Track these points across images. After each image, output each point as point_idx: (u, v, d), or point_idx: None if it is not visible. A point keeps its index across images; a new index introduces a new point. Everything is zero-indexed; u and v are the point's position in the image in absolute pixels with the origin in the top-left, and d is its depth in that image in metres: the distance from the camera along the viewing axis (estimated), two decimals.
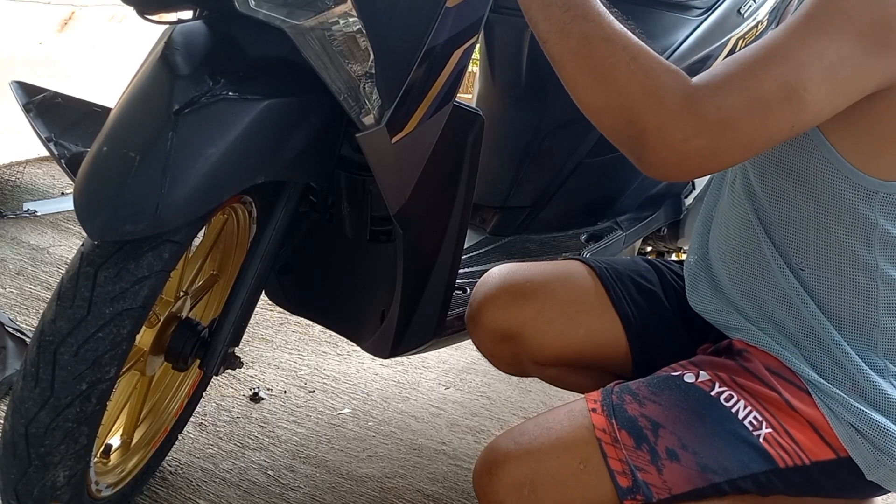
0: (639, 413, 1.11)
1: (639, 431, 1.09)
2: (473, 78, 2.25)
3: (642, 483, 1.06)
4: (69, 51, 2.68)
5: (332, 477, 1.64)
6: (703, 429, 1.09)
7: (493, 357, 1.43)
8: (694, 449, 1.08)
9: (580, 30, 0.99)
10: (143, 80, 1.05)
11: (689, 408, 1.11)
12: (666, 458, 1.07)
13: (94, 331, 1.00)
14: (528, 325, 1.34)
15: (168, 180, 0.96)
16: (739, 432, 1.09)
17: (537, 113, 1.95)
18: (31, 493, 1.06)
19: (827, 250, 1.10)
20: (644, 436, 1.09)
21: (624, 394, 1.14)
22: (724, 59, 2.02)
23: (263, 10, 1.01)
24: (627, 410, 1.11)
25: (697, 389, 1.13)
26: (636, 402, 1.12)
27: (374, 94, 1.07)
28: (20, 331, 1.80)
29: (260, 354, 2.11)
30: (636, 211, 2.05)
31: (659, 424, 1.09)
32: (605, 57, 0.98)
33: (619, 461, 1.07)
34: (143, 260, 1.02)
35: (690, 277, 1.30)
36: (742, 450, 1.08)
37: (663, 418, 1.10)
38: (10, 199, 2.91)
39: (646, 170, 1.01)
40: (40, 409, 1.01)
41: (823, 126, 1.04)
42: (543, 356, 1.36)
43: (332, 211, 1.36)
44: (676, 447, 1.08)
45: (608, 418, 1.11)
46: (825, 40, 0.94)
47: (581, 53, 0.99)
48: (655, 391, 1.14)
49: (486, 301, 1.38)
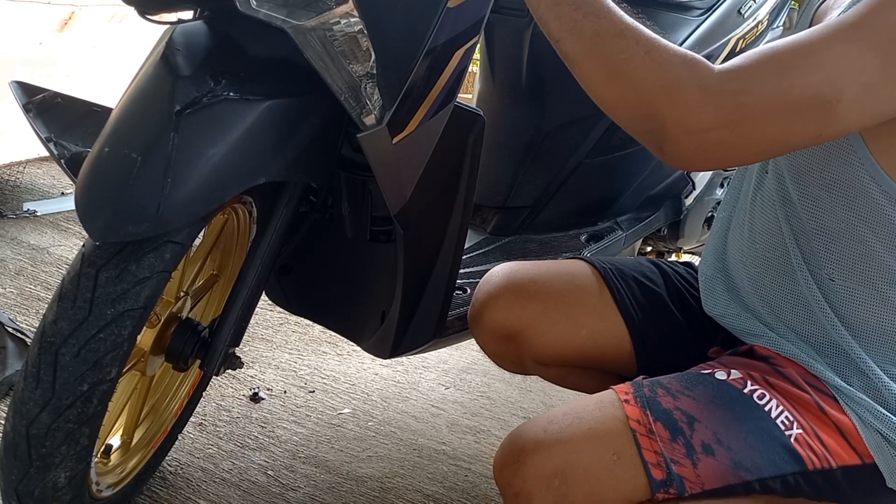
0: (673, 406, 1.07)
1: (674, 424, 1.06)
2: (474, 78, 2.25)
3: (676, 476, 1.03)
4: (69, 51, 2.68)
5: (332, 477, 1.64)
6: (737, 425, 1.06)
7: (496, 356, 1.43)
8: (729, 445, 1.05)
9: (592, 27, 0.98)
10: (144, 80, 1.05)
11: (722, 404, 1.08)
12: (701, 453, 1.04)
13: (96, 332, 1.00)
14: (531, 325, 1.33)
15: (170, 181, 0.96)
16: (772, 431, 1.06)
17: (537, 113, 1.95)
18: (32, 494, 1.06)
19: (860, 262, 1.08)
20: (680, 429, 1.05)
21: (656, 387, 1.11)
22: (727, 56, 2.03)
23: (264, 9, 1.01)
24: (662, 403, 1.08)
25: (731, 386, 1.11)
26: (670, 396, 1.09)
27: (375, 94, 1.07)
28: (20, 331, 1.80)
29: (260, 354, 2.11)
30: (636, 211, 2.05)
31: (694, 418, 1.06)
32: (619, 52, 0.97)
33: (653, 453, 1.04)
34: (145, 261, 1.02)
35: (706, 282, 1.28)
36: (774, 449, 1.05)
37: (698, 412, 1.07)
38: (10, 199, 2.91)
39: (668, 160, 1.00)
40: (41, 410, 1.01)
41: (868, 140, 1.02)
42: (546, 356, 1.35)
43: (333, 211, 1.36)
44: (712, 442, 1.05)
45: (643, 409, 1.07)
46: (869, 55, 0.91)
47: (595, 50, 0.99)
48: (688, 386, 1.11)
49: (488, 300, 1.37)
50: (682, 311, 1.34)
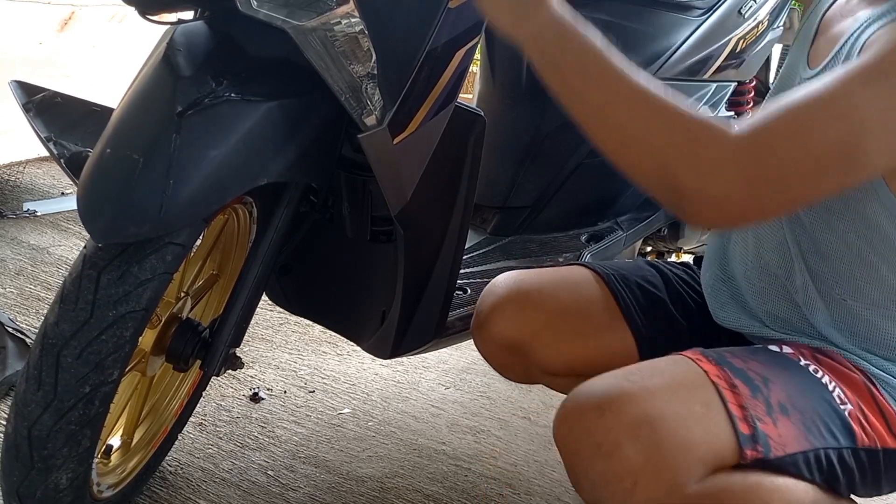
0: (745, 367, 1.03)
1: (752, 381, 1.01)
2: (474, 78, 2.25)
3: (762, 434, 0.98)
4: (69, 51, 2.68)
5: (332, 477, 1.64)
6: (802, 392, 1.03)
7: (501, 367, 1.40)
8: (800, 408, 1.01)
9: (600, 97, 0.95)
10: (145, 81, 1.05)
11: (785, 371, 1.06)
12: (779, 412, 1.00)
13: (98, 333, 1.00)
14: (537, 337, 1.32)
15: (172, 182, 0.96)
16: (831, 402, 1.04)
17: (538, 113, 1.95)
18: (33, 496, 1.06)
19: (869, 284, 1.08)
20: (757, 386, 1.01)
21: (721, 352, 1.07)
22: (727, 56, 2.02)
23: (265, 10, 1.01)
24: (734, 363, 1.03)
25: (788, 358, 1.09)
26: (738, 358, 1.05)
27: (375, 94, 1.07)
28: (20, 331, 1.80)
29: (260, 354, 2.11)
30: (636, 211, 2.05)
31: (768, 378, 1.02)
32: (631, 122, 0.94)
33: (738, 407, 0.99)
34: (146, 262, 1.02)
35: (713, 293, 1.27)
36: (834, 420, 1.03)
37: (769, 374, 1.03)
38: (10, 199, 2.90)
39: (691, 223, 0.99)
40: (43, 412, 1.01)
41: (889, 180, 1.00)
42: (554, 366, 1.34)
43: (333, 211, 1.36)
44: (786, 402, 1.01)
45: (719, 366, 1.02)
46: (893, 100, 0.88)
47: (604, 122, 0.96)
48: (750, 353, 1.08)
49: (492, 311, 1.35)
50: (684, 315, 1.33)
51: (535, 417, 2.06)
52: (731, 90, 2.15)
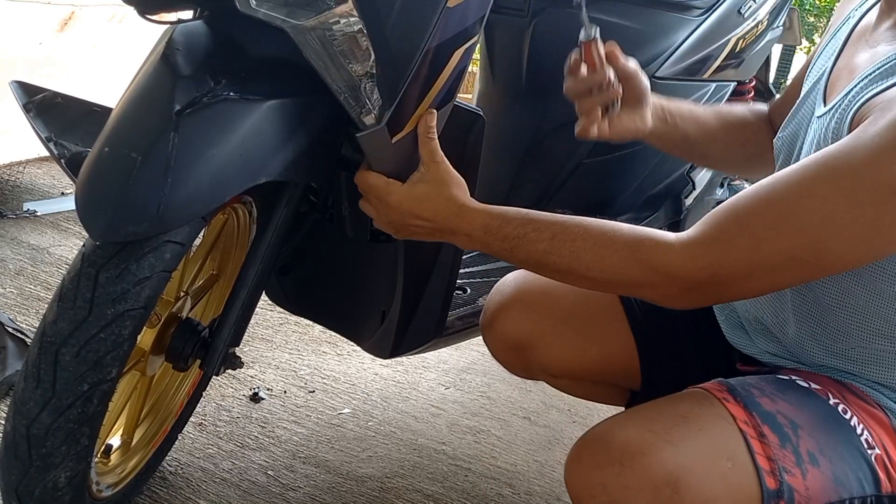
0: (774, 409, 0.97)
1: (781, 429, 0.95)
2: (474, 78, 2.25)
3: (788, 487, 0.92)
4: (69, 51, 2.68)
5: (332, 477, 1.64)
6: (832, 438, 0.97)
7: (506, 363, 1.42)
8: (829, 457, 0.95)
9: (526, 254, 1.05)
10: (144, 80, 1.05)
11: (815, 414, 0.99)
12: (808, 462, 0.94)
13: (96, 332, 1.00)
14: (542, 339, 1.32)
15: (170, 181, 0.96)
16: (860, 447, 0.98)
17: (537, 113, 1.95)
18: (32, 494, 1.06)
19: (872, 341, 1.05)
20: (787, 434, 0.95)
21: (748, 387, 1.01)
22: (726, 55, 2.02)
23: (264, 9, 1.00)
24: (762, 405, 0.97)
25: (817, 396, 1.02)
26: (766, 398, 0.99)
27: (374, 93, 1.07)
28: (20, 331, 1.80)
29: (260, 354, 2.11)
30: (636, 211, 2.05)
31: (797, 425, 0.96)
32: (567, 269, 1.02)
33: (766, 459, 0.92)
34: (145, 261, 1.02)
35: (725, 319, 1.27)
36: (862, 467, 0.97)
37: (798, 419, 0.97)
38: (10, 199, 2.91)
39: None
40: (42, 410, 1.01)
41: None
42: (555, 369, 1.34)
43: (333, 211, 1.36)
44: (816, 452, 0.95)
45: (747, 410, 0.96)
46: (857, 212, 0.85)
47: (544, 271, 1.08)
48: (779, 390, 1.02)
49: (499, 310, 1.36)
50: (688, 324, 1.31)
51: (535, 417, 2.06)
52: (731, 90, 2.15)
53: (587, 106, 1.25)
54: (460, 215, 1.08)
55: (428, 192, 1.10)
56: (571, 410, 2.11)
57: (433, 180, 1.11)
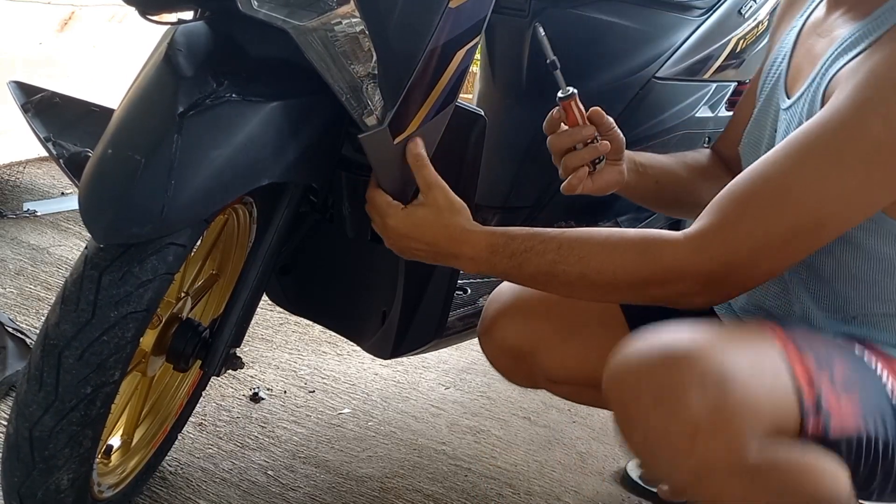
0: (809, 344, 1.00)
1: (818, 353, 0.98)
2: (474, 78, 2.25)
3: (825, 407, 0.94)
4: (69, 51, 2.68)
5: (332, 477, 1.64)
6: (860, 378, 1.01)
7: (506, 371, 1.41)
8: (860, 393, 0.98)
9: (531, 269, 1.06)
10: (146, 81, 1.05)
11: (843, 356, 1.02)
12: (842, 389, 0.96)
13: (99, 334, 1.00)
14: (542, 346, 1.32)
15: (173, 183, 0.96)
16: (886, 394, 1.01)
17: (538, 113, 1.94)
18: (35, 496, 1.06)
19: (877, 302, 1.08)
20: (823, 360, 0.98)
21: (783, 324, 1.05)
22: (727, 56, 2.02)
23: (265, 10, 1.00)
24: (798, 337, 1.00)
25: (845, 345, 1.05)
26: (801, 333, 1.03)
27: (376, 94, 1.07)
28: (20, 331, 1.80)
29: (260, 354, 2.11)
30: (636, 211, 2.05)
31: (832, 356, 0.99)
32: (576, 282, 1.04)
33: (805, 376, 0.95)
34: (148, 263, 1.02)
35: (724, 312, 1.27)
36: (888, 412, 0.99)
37: (833, 354, 1.00)
38: (10, 199, 2.90)
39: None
40: (45, 413, 1.01)
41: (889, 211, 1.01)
42: (557, 375, 1.34)
43: (333, 211, 1.36)
44: (848, 381, 0.98)
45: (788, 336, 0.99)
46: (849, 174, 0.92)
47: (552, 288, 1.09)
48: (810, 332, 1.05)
49: (497, 317, 1.36)
50: None
51: (535, 417, 2.06)
52: (731, 90, 2.15)
53: (573, 162, 1.27)
54: (461, 240, 1.10)
55: (426, 218, 1.12)
56: (571, 410, 2.11)
57: (432, 206, 1.12)
